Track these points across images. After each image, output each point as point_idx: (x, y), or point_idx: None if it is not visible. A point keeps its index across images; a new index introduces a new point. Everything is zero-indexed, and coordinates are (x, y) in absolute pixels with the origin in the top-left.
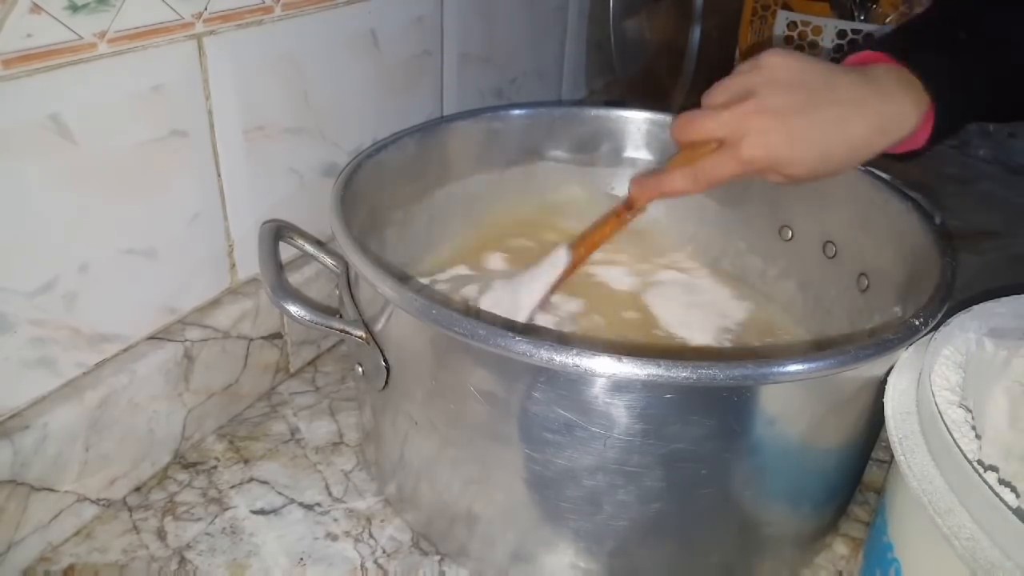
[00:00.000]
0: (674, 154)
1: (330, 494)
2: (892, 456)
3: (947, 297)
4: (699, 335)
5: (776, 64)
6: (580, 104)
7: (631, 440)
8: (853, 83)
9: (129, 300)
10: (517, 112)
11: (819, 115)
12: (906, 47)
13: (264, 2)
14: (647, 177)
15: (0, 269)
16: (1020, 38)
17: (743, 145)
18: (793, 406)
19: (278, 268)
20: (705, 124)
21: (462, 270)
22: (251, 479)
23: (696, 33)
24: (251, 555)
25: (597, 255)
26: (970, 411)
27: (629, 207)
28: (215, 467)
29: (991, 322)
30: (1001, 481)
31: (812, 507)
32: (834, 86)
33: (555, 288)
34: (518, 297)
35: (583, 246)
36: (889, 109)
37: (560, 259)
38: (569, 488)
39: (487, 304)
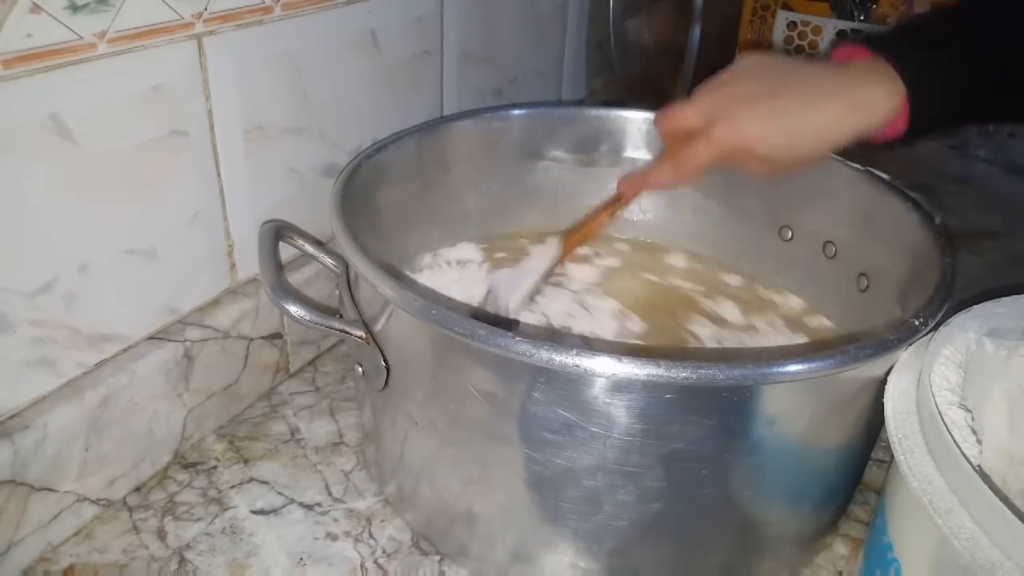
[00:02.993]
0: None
1: (330, 494)
2: (892, 456)
3: (947, 297)
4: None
5: (748, 62)
6: (580, 104)
7: (631, 440)
8: (823, 71)
9: (129, 300)
10: (517, 112)
11: (788, 96)
12: (885, 41)
13: (264, 2)
14: (634, 173)
15: (0, 269)
16: (1008, 41)
17: (715, 128)
18: (793, 406)
19: (278, 268)
20: (681, 112)
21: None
22: (251, 479)
23: (696, 33)
24: (251, 555)
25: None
26: (970, 411)
27: (617, 201)
28: (215, 467)
29: (991, 322)
30: (1001, 481)
31: (812, 507)
32: (804, 74)
33: (547, 276)
34: (515, 283)
35: (574, 238)
36: (860, 93)
37: (551, 249)
38: (569, 488)
39: (490, 286)
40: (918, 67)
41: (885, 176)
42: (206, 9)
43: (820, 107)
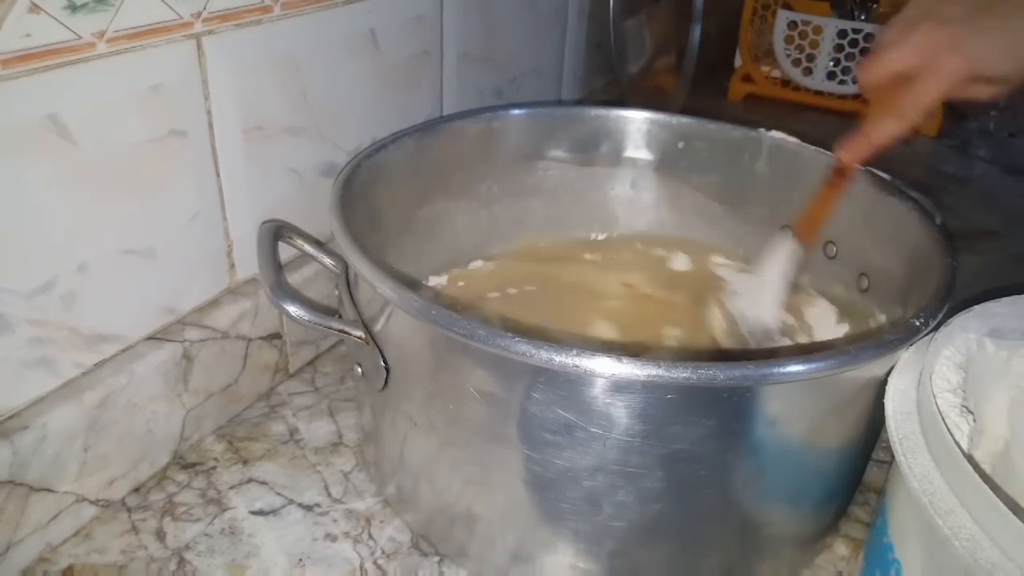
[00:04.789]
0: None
1: (329, 495)
2: (892, 457)
3: (948, 297)
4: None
5: None
6: (580, 104)
7: (631, 441)
8: None
9: (128, 300)
10: (517, 112)
11: (1000, 10)
12: None
13: (263, 1)
14: (850, 140)
15: None
16: None
17: (939, 61)
18: (793, 407)
19: (277, 268)
20: (890, 57)
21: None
22: (250, 480)
23: (696, 33)
24: (250, 556)
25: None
26: (971, 412)
27: (842, 173)
28: (214, 468)
29: (992, 322)
30: (1002, 482)
31: (812, 508)
32: None
33: (791, 278)
34: (762, 297)
35: (808, 226)
36: None
37: (788, 246)
38: (569, 489)
39: (734, 313)
40: None
41: (886, 176)
42: (205, 8)
43: None
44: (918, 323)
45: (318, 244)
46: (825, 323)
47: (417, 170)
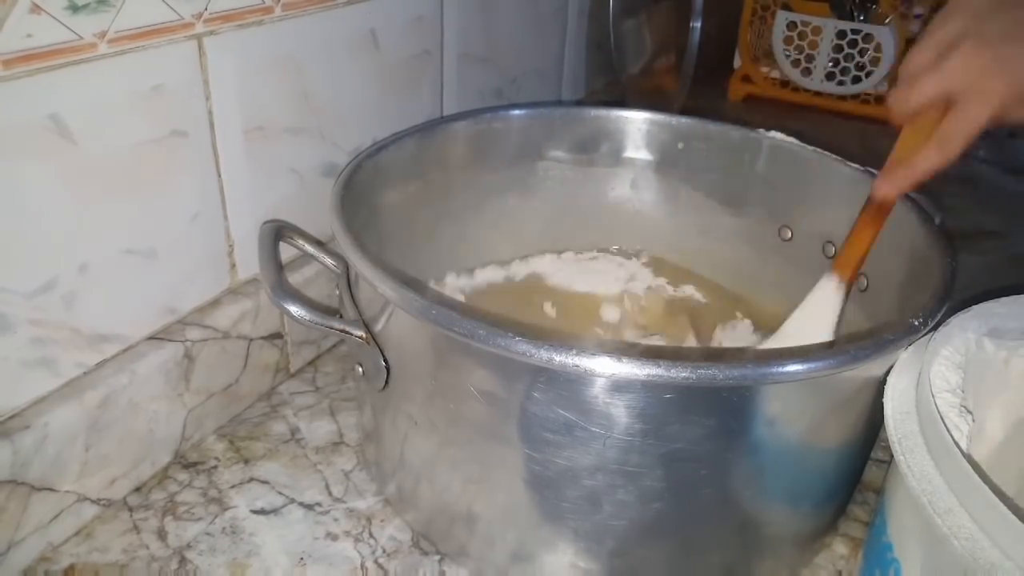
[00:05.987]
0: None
1: (330, 494)
2: (892, 456)
3: (947, 297)
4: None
5: (968, 2)
6: (580, 104)
7: (631, 440)
8: None
9: (129, 300)
10: (517, 112)
11: None
12: None
13: (264, 2)
14: (889, 172)
15: (0, 269)
16: None
17: (985, 84)
18: (793, 406)
19: (278, 268)
20: (928, 85)
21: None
22: (251, 479)
23: (696, 33)
24: (251, 555)
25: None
26: (970, 411)
27: (882, 209)
28: (215, 467)
29: (991, 322)
30: (1000, 481)
31: (811, 507)
32: None
33: (840, 317)
34: (810, 340)
35: (849, 265)
36: None
37: (832, 286)
38: (569, 488)
39: None
40: None
41: None
42: (206, 9)
43: None
44: (917, 323)
45: (319, 244)
46: None
47: (417, 170)
